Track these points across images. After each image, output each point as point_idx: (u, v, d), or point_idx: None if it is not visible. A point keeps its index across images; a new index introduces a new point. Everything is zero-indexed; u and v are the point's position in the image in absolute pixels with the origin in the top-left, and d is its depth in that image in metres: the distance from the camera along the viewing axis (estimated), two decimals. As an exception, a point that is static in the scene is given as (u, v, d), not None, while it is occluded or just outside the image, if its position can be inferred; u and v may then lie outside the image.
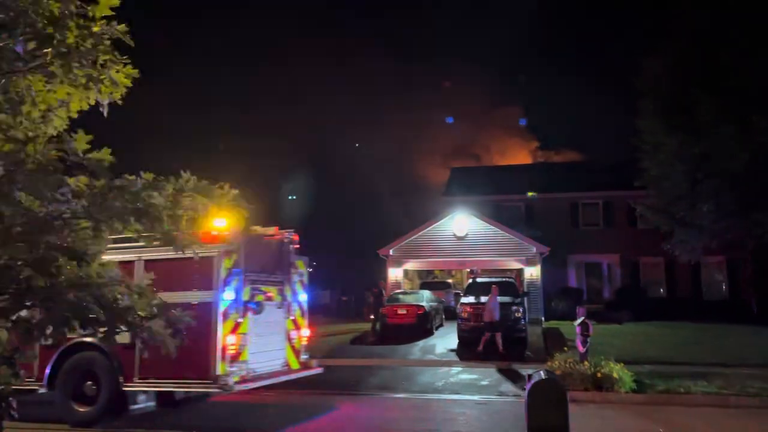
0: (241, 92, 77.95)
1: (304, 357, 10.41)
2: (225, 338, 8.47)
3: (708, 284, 28.88)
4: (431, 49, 78.34)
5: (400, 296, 21.92)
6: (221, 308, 8.47)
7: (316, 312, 37.72)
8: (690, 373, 12.28)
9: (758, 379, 11.44)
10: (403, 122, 67.17)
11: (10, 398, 2.98)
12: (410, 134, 66.95)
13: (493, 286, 17.36)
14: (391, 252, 26.82)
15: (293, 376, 10.07)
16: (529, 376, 5.01)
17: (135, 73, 4.36)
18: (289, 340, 10.16)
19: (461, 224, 26.20)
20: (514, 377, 13.03)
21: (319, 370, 10.76)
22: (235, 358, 8.64)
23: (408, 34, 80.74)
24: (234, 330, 8.66)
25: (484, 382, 12.66)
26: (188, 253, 4.54)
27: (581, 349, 12.14)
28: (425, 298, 21.54)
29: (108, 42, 4.19)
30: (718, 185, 21.07)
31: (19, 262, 3.25)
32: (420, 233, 26.90)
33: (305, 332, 10.47)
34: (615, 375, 10.91)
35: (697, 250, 23.69)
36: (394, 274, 26.86)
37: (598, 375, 10.93)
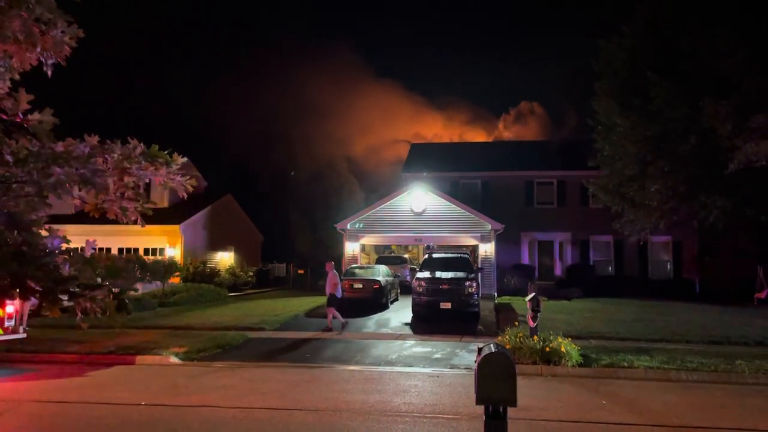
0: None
1: (9, 323, 11.94)
2: None
3: (654, 263, 29.88)
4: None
5: (357, 271, 21.98)
6: None
7: (272, 285, 37.46)
8: (634, 348, 12.76)
9: (698, 355, 11.98)
10: (367, 97, 66.80)
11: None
12: (370, 110, 66.72)
13: (327, 263, 17.24)
14: (348, 226, 26.77)
15: None
16: (479, 350, 5.08)
17: (80, 32, 4.14)
18: None
19: (418, 200, 26.30)
20: (466, 351, 13.28)
21: (23, 335, 12.24)
22: None
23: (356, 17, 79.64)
24: None
25: (437, 356, 12.86)
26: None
27: (531, 324, 12.43)
28: (381, 272, 21.66)
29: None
30: (667, 167, 21.71)
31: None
32: (378, 208, 26.89)
33: (9, 306, 11.84)
34: (563, 349, 11.23)
35: (644, 230, 24.44)
36: (351, 248, 26.84)
37: (547, 349, 11.24)
